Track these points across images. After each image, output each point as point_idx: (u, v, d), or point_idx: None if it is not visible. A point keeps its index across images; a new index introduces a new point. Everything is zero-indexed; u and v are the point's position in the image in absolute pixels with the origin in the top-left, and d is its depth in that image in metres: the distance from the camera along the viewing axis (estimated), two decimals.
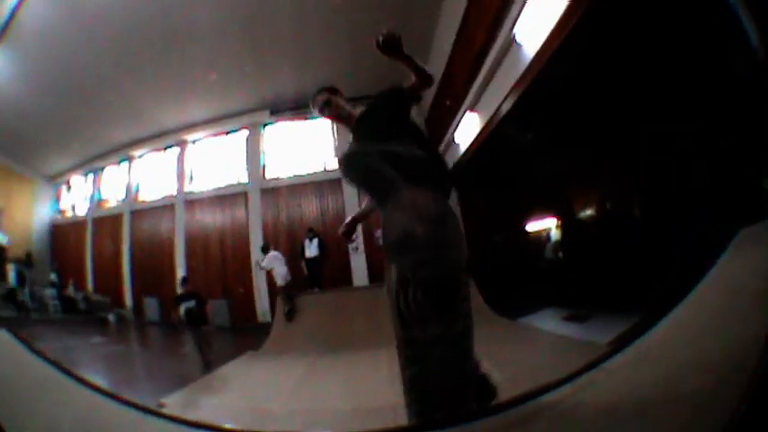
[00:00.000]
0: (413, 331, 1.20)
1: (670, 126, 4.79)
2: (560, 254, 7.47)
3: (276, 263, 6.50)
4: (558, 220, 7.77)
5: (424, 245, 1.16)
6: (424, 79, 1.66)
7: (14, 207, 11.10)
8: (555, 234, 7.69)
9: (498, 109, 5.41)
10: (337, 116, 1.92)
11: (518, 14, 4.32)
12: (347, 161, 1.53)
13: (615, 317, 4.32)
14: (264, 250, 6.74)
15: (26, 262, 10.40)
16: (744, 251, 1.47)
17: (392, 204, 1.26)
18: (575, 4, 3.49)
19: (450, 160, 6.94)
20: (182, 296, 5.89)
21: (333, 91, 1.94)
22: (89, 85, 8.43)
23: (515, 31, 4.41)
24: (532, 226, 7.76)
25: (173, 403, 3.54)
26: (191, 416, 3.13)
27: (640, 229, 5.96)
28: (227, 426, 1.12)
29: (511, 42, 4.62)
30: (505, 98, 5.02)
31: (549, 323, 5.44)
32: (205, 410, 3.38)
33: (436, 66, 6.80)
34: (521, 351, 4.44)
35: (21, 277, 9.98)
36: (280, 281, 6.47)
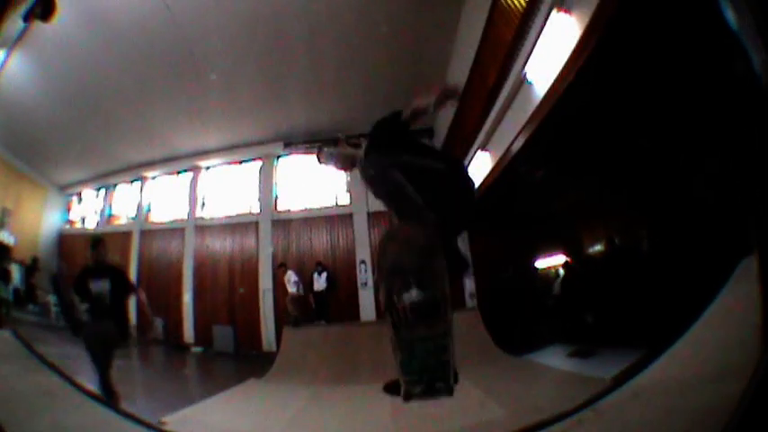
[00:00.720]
0: (402, 333, 1.51)
1: (676, 158, 4.85)
2: (566, 292, 7.45)
3: (291, 277, 7.05)
4: (566, 256, 7.82)
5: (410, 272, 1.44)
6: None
7: (24, 210, 11.20)
8: (563, 271, 7.72)
9: (509, 147, 5.53)
10: (336, 162, 2.03)
11: (529, 53, 4.50)
12: (378, 175, 1.70)
13: (619, 352, 4.33)
14: (282, 266, 7.11)
15: (32, 266, 10.49)
16: (744, 283, 1.46)
17: (388, 234, 1.57)
18: (584, 43, 3.63)
19: None
20: (88, 272, 3.45)
21: (328, 143, 2.01)
22: (107, 100, 8.60)
23: (526, 69, 4.58)
24: (541, 263, 7.80)
25: (173, 422, 3.53)
26: None
27: (648, 263, 5.98)
28: None
29: (522, 81, 4.78)
30: (517, 136, 5.14)
31: (553, 359, 5.43)
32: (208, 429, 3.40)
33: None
34: (524, 387, 4.46)
35: (26, 281, 10.07)
36: (292, 288, 6.74)
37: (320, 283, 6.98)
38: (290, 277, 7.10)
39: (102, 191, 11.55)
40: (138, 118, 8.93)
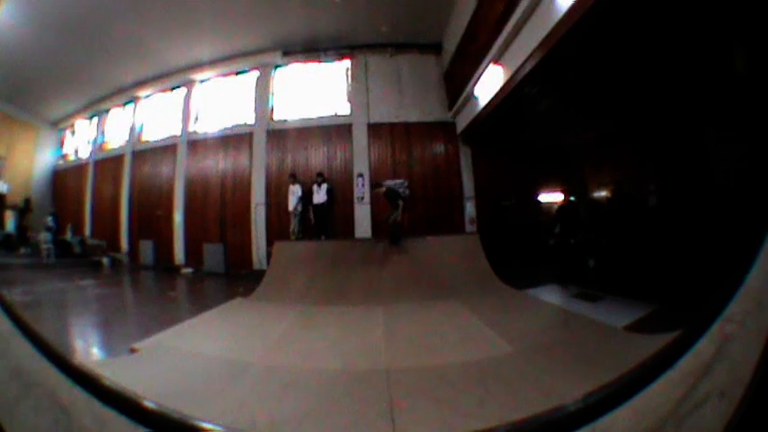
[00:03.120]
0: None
1: (697, 118, 4.52)
2: (567, 232, 7.18)
3: (298, 190, 6.84)
4: (570, 196, 7.51)
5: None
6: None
7: (17, 155, 10.98)
8: (565, 209, 7.42)
9: (523, 64, 5.07)
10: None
11: None
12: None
13: (626, 302, 4.23)
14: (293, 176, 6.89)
15: (24, 208, 10.29)
16: None
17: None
18: None
19: (469, 116, 6.62)
20: None
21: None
22: (93, 21, 8.03)
23: None
24: (544, 197, 7.47)
25: (145, 348, 3.26)
26: (161, 363, 2.94)
27: (654, 219, 5.75)
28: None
29: None
30: (531, 54, 4.69)
31: (558, 298, 5.17)
32: (175, 359, 3.08)
33: (462, 11, 6.40)
34: (529, 324, 4.17)
35: (19, 224, 9.92)
36: (295, 201, 6.71)
37: (320, 195, 6.61)
38: (297, 190, 6.76)
39: (95, 119, 11.18)
40: (129, 35, 8.34)
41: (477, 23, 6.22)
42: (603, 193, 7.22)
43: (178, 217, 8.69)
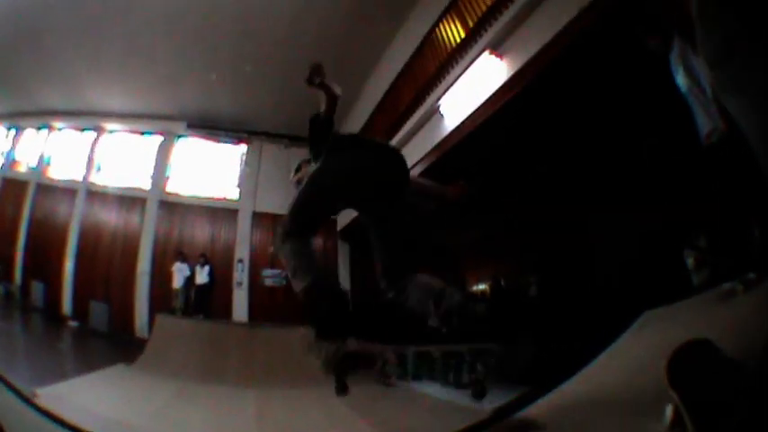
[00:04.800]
0: None
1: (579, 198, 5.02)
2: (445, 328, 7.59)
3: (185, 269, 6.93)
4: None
5: None
6: (331, 98, 1.78)
7: None
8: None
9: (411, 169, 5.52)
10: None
11: (446, 89, 4.64)
12: None
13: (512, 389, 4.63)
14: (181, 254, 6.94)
15: None
16: (646, 331, 1.48)
17: None
18: (511, 84, 3.78)
19: (348, 216, 6.96)
20: None
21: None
22: (32, 31, 7.78)
23: (441, 102, 4.74)
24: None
25: (45, 395, 3.41)
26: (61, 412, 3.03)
27: (535, 307, 6.19)
28: None
29: (435, 111, 4.91)
30: (420, 161, 5.19)
31: (430, 388, 5.41)
32: (74, 411, 3.30)
33: (358, 115, 6.86)
34: (399, 412, 4.54)
35: None
36: (180, 280, 6.76)
37: (203, 276, 6.77)
38: (185, 269, 6.86)
39: (13, 131, 10.60)
40: (57, 55, 8.18)
41: (371, 128, 6.68)
42: (483, 287, 7.77)
43: (69, 265, 8.42)
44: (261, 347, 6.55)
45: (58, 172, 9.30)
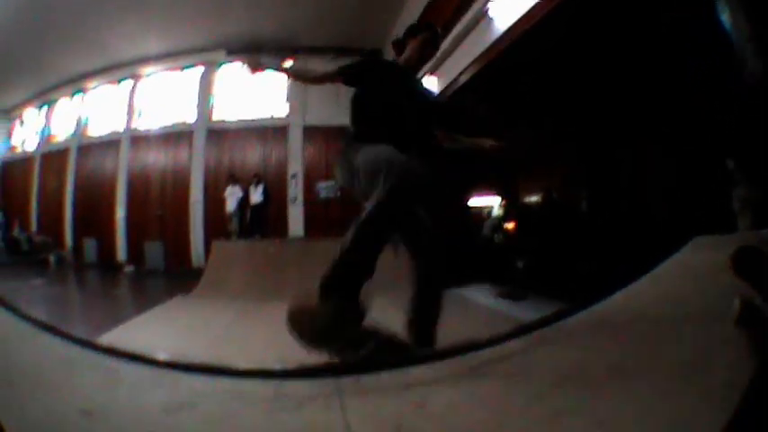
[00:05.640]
0: None
1: (635, 121, 4.79)
2: (498, 235, 7.45)
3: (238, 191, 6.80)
4: (502, 200, 7.78)
5: None
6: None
7: None
8: (496, 213, 7.70)
9: (457, 78, 5.32)
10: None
11: None
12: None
13: (549, 302, 4.32)
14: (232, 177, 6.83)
15: None
16: (693, 259, 1.40)
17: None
18: None
19: None
20: None
21: None
22: (46, 9, 7.85)
23: (489, 5, 4.42)
24: (475, 201, 7.74)
25: (104, 342, 3.38)
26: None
27: (585, 223, 6.01)
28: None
29: (483, 15, 4.59)
30: (466, 68, 4.93)
31: (480, 297, 5.38)
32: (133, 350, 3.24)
33: (404, 20, 6.60)
34: (451, 321, 4.34)
35: None
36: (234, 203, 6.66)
37: (257, 195, 6.65)
38: (237, 192, 6.75)
39: (44, 108, 10.81)
40: (78, 24, 8.19)
41: None
42: (534, 198, 7.54)
43: (120, 213, 8.53)
44: (319, 261, 6.48)
45: (98, 129, 9.41)
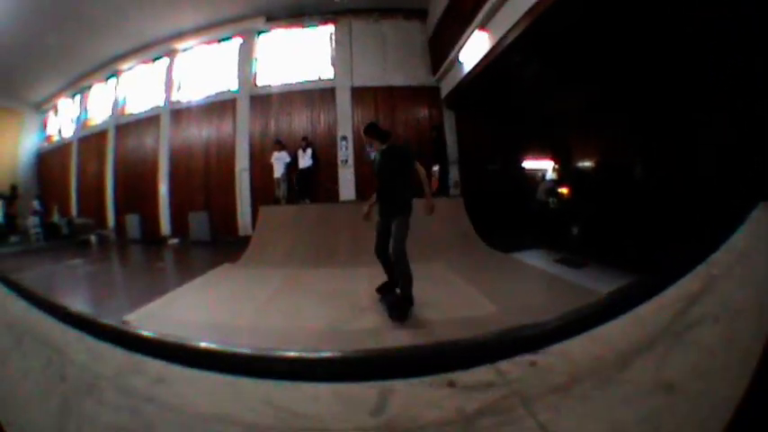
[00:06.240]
0: None
1: (690, 86, 4.53)
2: (553, 199, 7.27)
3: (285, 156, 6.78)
4: (555, 162, 7.59)
5: None
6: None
7: (2, 142, 10.76)
8: (550, 176, 7.52)
9: (509, 32, 5.08)
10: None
11: None
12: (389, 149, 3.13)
13: (609, 269, 4.19)
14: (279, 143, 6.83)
15: (11, 195, 10.14)
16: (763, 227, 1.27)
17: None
18: None
19: (453, 80, 6.64)
20: None
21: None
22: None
23: None
24: (529, 163, 7.57)
25: (136, 319, 3.22)
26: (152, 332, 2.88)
27: (639, 189, 5.78)
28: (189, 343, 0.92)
29: None
30: (518, 22, 4.68)
31: (542, 263, 5.17)
32: (167, 327, 3.04)
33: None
34: (513, 285, 4.20)
35: (6, 212, 9.80)
36: (282, 168, 6.65)
37: (305, 160, 6.60)
38: (284, 156, 6.70)
39: (78, 96, 10.99)
40: (110, 6, 8.20)
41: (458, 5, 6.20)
42: (587, 162, 7.32)
43: (163, 188, 8.63)
44: (371, 224, 6.38)
45: (136, 107, 9.50)
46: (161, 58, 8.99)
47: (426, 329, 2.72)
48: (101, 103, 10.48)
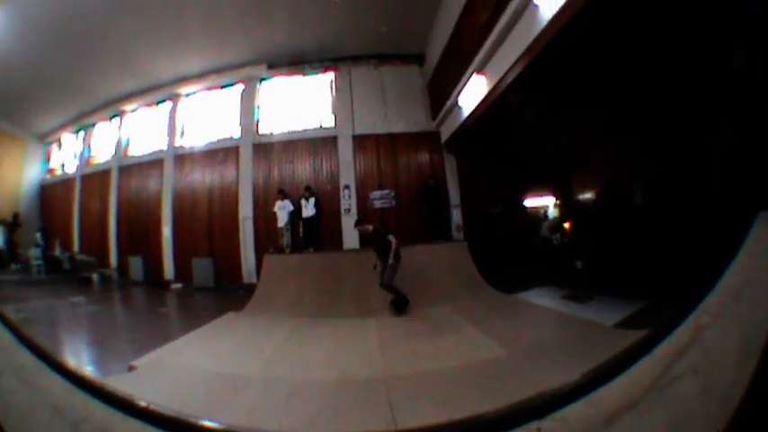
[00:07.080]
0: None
1: (677, 110, 4.59)
2: (556, 236, 7.26)
3: (288, 205, 6.91)
4: (556, 199, 7.60)
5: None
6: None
7: (4, 167, 10.89)
8: (552, 213, 7.52)
9: (507, 73, 5.13)
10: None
11: None
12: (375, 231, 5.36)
13: (614, 301, 4.28)
14: (281, 192, 6.96)
15: (13, 223, 10.17)
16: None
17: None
18: None
19: (453, 125, 6.70)
20: None
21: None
22: (82, 35, 8.10)
23: None
24: (530, 202, 7.57)
25: (143, 365, 3.22)
26: (163, 379, 2.84)
27: (640, 217, 5.80)
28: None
29: (527, 3, 4.37)
30: (515, 63, 4.75)
31: (547, 301, 5.14)
32: (176, 375, 3.07)
33: (445, 21, 6.50)
34: (522, 326, 4.17)
35: (8, 239, 9.81)
36: (285, 217, 6.80)
37: (309, 209, 6.65)
38: (288, 206, 6.80)
39: (81, 132, 11.11)
40: (117, 48, 8.37)
41: (460, 33, 6.31)
42: (588, 195, 7.33)
43: (167, 231, 8.63)
44: (376, 273, 6.36)
45: (140, 149, 9.59)
46: (164, 101, 9.12)
47: (437, 376, 2.71)
48: (104, 141, 10.57)
